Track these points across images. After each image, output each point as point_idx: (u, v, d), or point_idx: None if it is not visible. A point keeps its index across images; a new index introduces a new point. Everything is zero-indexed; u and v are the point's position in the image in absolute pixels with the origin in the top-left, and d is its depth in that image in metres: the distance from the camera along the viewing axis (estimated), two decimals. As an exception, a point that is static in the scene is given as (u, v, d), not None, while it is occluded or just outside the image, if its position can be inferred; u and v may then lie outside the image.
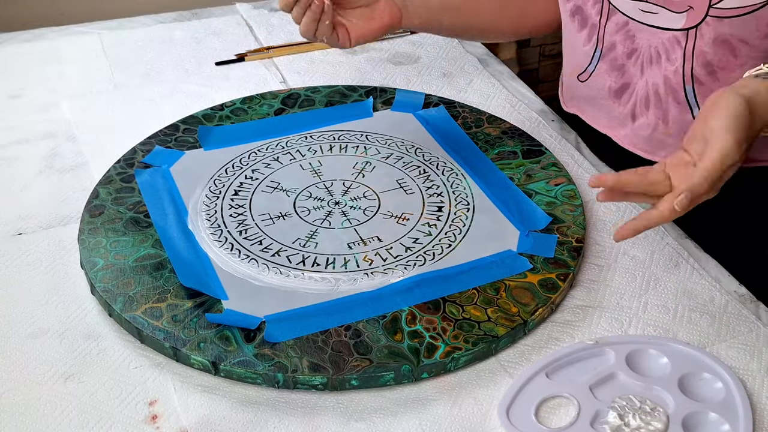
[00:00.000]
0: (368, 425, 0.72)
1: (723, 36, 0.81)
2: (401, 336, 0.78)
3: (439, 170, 0.99)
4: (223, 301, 0.81)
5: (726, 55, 0.82)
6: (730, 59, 0.82)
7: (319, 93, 1.13)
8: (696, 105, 0.85)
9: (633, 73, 0.90)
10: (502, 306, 0.81)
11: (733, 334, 0.80)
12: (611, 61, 0.91)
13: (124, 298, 0.81)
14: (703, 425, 0.71)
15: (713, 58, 0.82)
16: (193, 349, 0.76)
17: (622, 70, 0.90)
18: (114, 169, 0.99)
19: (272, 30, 1.32)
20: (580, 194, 0.95)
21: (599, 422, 0.71)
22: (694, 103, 0.85)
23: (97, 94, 1.17)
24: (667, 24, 0.84)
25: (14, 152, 1.05)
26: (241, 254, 0.87)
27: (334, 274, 0.85)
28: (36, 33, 1.31)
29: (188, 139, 1.04)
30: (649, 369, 0.76)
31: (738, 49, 0.81)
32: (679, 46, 0.84)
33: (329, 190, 0.96)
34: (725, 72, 0.83)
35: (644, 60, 0.88)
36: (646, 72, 0.88)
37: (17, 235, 0.92)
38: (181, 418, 0.73)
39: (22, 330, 0.81)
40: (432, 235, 0.90)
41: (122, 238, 0.88)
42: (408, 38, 1.31)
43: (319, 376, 0.74)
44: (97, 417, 0.72)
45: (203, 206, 0.93)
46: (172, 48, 1.27)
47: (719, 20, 0.80)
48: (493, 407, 0.73)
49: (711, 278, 0.86)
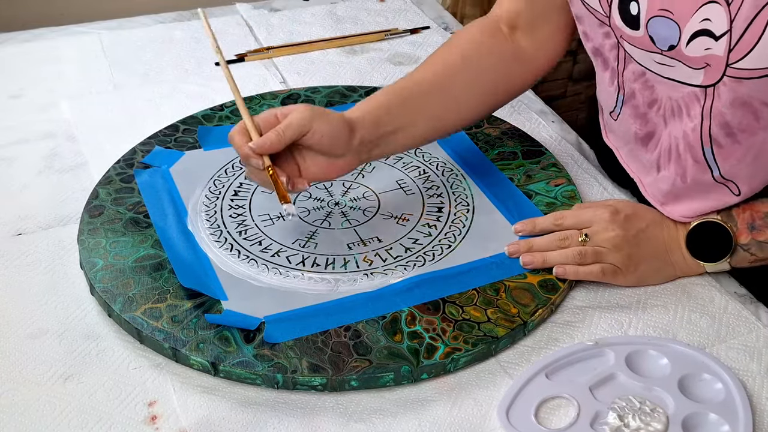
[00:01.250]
0: (368, 426, 0.72)
1: (742, 97, 0.75)
2: (401, 337, 0.78)
3: (439, 171, 0.99)
4: (223, 302, 0.81)
5: (747, 117, 0.76)
6: (752, 122, 0.76)
7: (319, 93, 1.12)
8: (716, 165, 0.80)
9: (657, 122, 0.85)
10: (502, 307, 0.81)
11: (733, 334, 0.80)
12: (633, 108, 0.86)
13: (124, 298, 0.81)
14: (702, 426, 0.71)
15: (732, 120, 0.77)
16: (193, 349, 0.76)
17: (645, 119, 0.86)
18: (113, 169, 0.99)
19: (272, 30, 1.32)
20: (580, 195, 0.95)
21: (599, 423, 0.71)
22: (714, 163, 0.80)
23: (96, 94, 1.17)
24: (685, 79, 0.78)
25: (14, 152, 1.05)
26: (241, 255, 0.87)
27: (333, 274, 0.85)
28: (36, 33, 1.31)
29: (188, 139, 1.04)
30: (648, 370, 0.76)
31: (760, 111, 0.75)
32: (698, 102, 0.79)
33: (329, 190, 0.96)
34: (746, 135, 0.77)
35: (666, 112, 0.83)
36: (669, 124, 0.83)
37: (17, 235, 0.92)
38: (181, 419, 0.72)
39: (21, 330, 0.80)
40: (432, 235, 0.90)
41: (122, 239, 0.88)
42: (408, 38, 1.31)
43: (318, 377, 0.74)
44: (96, 417, 0.72)
45: (203, 207, 0.93)
46: (172, 48, 1.27)
47: (737, 81, 0.74)
48: (493, 408, 0.73)
49: (711, 279, 0.86)
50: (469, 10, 1.68)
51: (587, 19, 0.85)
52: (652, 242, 0.85)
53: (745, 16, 0.71)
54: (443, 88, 0.92)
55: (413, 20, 1.37)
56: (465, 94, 0.93)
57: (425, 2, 1.42)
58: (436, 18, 1.38)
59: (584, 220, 0.86)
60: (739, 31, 0.71)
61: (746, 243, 0.82)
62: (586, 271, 0.83)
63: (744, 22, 0.71)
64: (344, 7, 1.40)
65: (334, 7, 1.40)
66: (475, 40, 0.95)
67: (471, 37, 0.96)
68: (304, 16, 1.36)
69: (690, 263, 0.85)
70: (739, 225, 0.82)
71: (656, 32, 0.77)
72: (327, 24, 1.34)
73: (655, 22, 0.77)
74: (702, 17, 0.73)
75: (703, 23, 0.73)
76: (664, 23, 0.76)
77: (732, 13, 0.71)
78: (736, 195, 0.82)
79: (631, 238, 0.84)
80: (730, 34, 0.72)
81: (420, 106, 0.90)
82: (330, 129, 0.83)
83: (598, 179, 1.00)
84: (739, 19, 0.71)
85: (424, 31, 1.34)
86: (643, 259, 0.84)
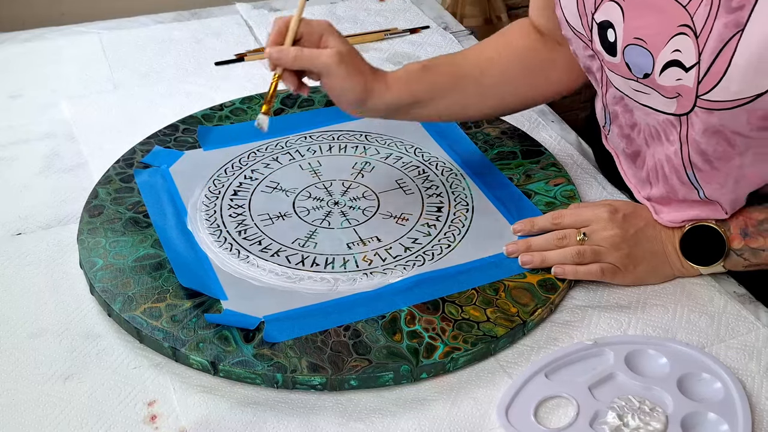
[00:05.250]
0: (367, 425, 0.72)
1: (714, 127, 0.75)
2: (400, 336, 0.78)
3: (439, 170, 0.99)
4: (222, 301, 0.81)
5: (721, 144, 0.76)
6: (727, 149, 0.77)
7: (319, 93, 1.12)
8: (700, 187, 0.81)
9: (640, 143, 0.85)
10: (502, 306, 0.81)
11: (732, 334, 0.80)
12: (619, 128, 0.87)
13: (124, 298, 0.81)
14: (702, 425, 0.71)
15: (707, 148, 0.77)
16: (192, 349, 0.76)
17: (629, 139, 0.86)
18: (113, 169, 0.99)
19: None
20: (579, 195, 0.95)
21: (598, 422, 0.71)
22: (698, 185, 0.81)
23: (96, 94, 1.17)
24: (659, 107, 0.79)
25: (14, 152, 1.05)
26: (241, 254, 0.87)
27: (333, 274, 0.85)
28: (36, 33, 1.31)
29: (188, 139, 1.04)
30: (648, 369, 0.76)
31: (733, 140, 0.76)
32: (675, 129, 0.79)
33: (328, 190, 0.96)
34: (723, 161, 0.78)
35: (645, 135, 0.84)
36: (651, 146, 0.84)
37: (17, 235, 0.92)
38: (180, 418, 0.73)
39: (21, 330, 0.81)
40: (431, 235, 0.90)
41: (121, 238, 0.88)
42: (408, 38, 1.31)
43: (318, 377, 0.74)
44: (96, 417, 0.72)
45: (202, 206, 0.93)
46: (172, 48, 1.28)
47: (708, 111, 0.74)
48: (492, 407, 0.73)
49: (710, 278, 0.86)
50: (469, 10, 1.68)
51: (575, 41, 0.86)
52: (650, 241, 0.85)
53: (711, 48, 0.71)
54: (476, 80, 0.94)
55: (413, 20, 1.37)
56: (493, 90, 0.95)
57: (425, 2, 1.43)
58: (435, 18, 1.38)
59: (583, 219, 0.86)
60: (706, 63, 0.71)
61: (739, 248, 0.82)
62: (585, 270, 0.84)
63: (711, 55, 0.71)
64: (344, 7, 1.40)
65: (334, 6, 1.40)
66: (513, 42, 0.97)
67: (514, 37, 0.98)
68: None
69: (685, 265, 0.85)
70: (732, 230, 0.82)
71: (632, 60, 0.77)
72: (327, 24, 1.34)
73: (631, 50, 0.77)
74: (673, 48, 0.73)
75: (674, 54, 0.73)
76: (639, 51, 0.76)
77: (700, 45, 0.71)
78: (725, 213, 0.82)
79: (629, 237, 0.84)
80: (698, 66, 0.72)
81: (449, 89, 0.93)
82: (341, 89, 0.86)
83: (598, 179, 1.00)
84: (706, 52, 0.71)
85: (423, 31, 1.34)
86: (641, 258, 0.84)
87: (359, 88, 0.86)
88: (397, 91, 0.89)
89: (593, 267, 0.83)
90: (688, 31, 0.72)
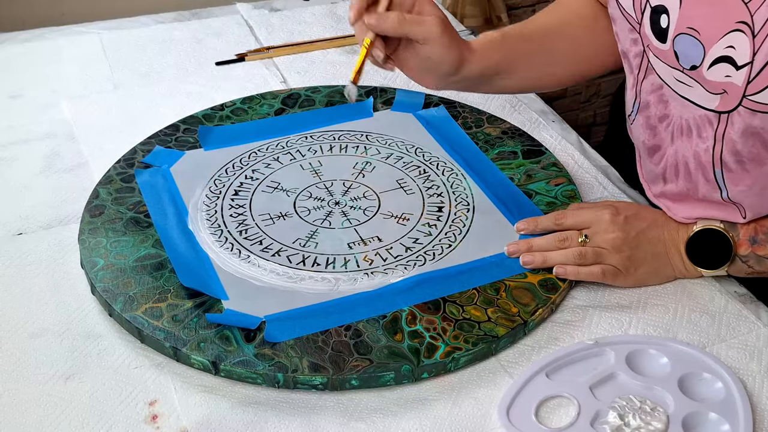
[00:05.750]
0: (368, 425, 0.72)
1: (754, 128, 0.74)
2: (401, 336, 0.78)
3: (439, 170, 0.99)
4: (224, 301, 0.81)
5: (756, 146, 0.76)
6: (761, 152, 0.76)
7: (320, 93, 1.13)
8: (725, 187, 0.80)
9: (664, 137, 0.84)
10: (502, 306, 0.81)
11: (733, 334, 0.80)
12: (646, 118, 0.86)
13: (125, 298, 0.81)
14: (703, 425, 0.71)
15: (742, 148, 0.76)
16: (194, 349, 0.76)
17: (654, 131, 0.85)
18: (114, 169, 0.99)
19: (272, 30, 1.32)
20: (580, 194, 0.95)
21: (599, 422, 0.71)
22: (723, 185, 0.80)
23: (97, 94, 1.17)
24: (700, 101, 0.78)
25: (14, 152, 1.05)
26: (241, 254, 0.87)
27: (334, 274, 0.85)
28: (36, 33, 1.31)
29: (188, 139, 1.04)
30: (649, 369, 0.76)
31: None
32: (711, 126, 0.78)
33: (329, 190, 0.96)
34: (755, 164, 0.77)
35: (675, 129, 0.83)
36: (676, 141, 0.83)
37: (17, 235, 0.92)
38: (182, 418, 0.73)
39: (22, 330, 0.81)
40: (432, 235, 0.90)
41: (122, 238, 0.88)
42: (408, 38, 1.31)
43: (319, 376, 0.74)
44: (97, 417, 0.72)
45: (203, 206, 0.93)
46: (172, 48, 1.27)
47: (752, 112, 0.73)
48: (493, 407, 0.73)
49: (711, 278, 0.86)
50: (469, 10, 1.68)
51: (620, 22, 0.85)
52: (652, 244, 0.85)
53: (767, 50, 0.70)
54: (547, 48, 0.94)
55: (413, 20, 1.37)
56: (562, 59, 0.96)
57: (425, 2, 1.42)
58: (436, 18, 1.38)
59: (585, 221, 0.86)
60: (760, 64, 0.71)
61: (745, 255, 0.82)
62: (587, 271, 0.84)
63: (766, 56, 0.70)
64: (344, 7, 1.40)
65: (334, 6, 1.40)
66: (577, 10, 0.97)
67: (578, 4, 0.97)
68: (304, 16, 1.36)
69: (688, 267, 0.85)
70: (741, 236, 0.82)
71: (682, 49, 0.76)
72: (327, 24, 1.34)
73: (682, 39, 0.76)
74: (727, 44, 0.72)
75: (727, 50, 0.72)
76: (691, 42, 0.75)
77: (756, 45, 0.70)
78: (743, 217, 0.82)
79: (631, 240, 0.84)
80: (751, 66, 0.71)
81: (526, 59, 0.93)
82: (440, 58, 0.84)
83: (599, 179, 1.00)
84: (762, 53, 0.70)
85: (424, 31, 1.33)
86: (643, 260, 0.84)
87: (458, 57, 0.85)
88: (485, 59, 0.89)
89: (594, 268, 0.84)
90: (746, 28, 0.71)
